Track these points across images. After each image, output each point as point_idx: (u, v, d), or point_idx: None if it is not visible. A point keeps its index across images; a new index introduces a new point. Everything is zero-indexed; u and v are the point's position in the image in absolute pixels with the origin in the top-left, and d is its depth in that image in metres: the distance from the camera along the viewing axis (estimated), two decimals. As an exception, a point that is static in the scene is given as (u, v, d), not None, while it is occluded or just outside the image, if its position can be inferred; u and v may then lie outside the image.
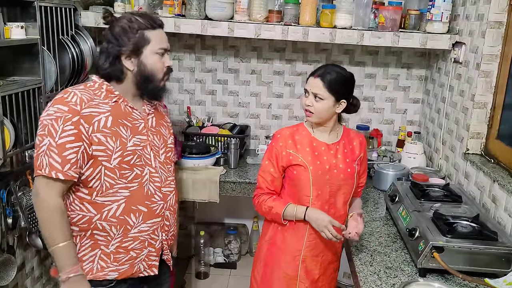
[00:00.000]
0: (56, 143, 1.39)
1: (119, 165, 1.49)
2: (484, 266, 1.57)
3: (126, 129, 1.51)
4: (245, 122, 3.10)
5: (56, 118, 1.40)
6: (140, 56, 1.50)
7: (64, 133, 1.39)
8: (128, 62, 1.51)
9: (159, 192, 1.60)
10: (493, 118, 2.12)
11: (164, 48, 1.55)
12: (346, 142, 1.78)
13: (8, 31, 1.83)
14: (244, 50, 3.00)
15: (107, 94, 1.51)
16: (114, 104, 1.51)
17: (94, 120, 1.44)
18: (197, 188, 2.54)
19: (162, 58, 1.55)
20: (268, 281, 1.82)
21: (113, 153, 1.47)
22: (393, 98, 3.03)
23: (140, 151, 1.53)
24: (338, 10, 2.49)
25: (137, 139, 1.53)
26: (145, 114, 1.60)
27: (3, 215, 1.96)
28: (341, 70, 1.68)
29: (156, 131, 1.63)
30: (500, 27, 2.06)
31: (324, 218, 1.65)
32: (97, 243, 1.52)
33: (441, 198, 1.99)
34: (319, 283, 1.81)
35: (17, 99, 1.88)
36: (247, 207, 3.28)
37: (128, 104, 1.55)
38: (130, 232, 1.54)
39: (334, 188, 1.74)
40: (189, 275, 3.15)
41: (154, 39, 1.51)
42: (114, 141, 1.47)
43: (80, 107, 1.43)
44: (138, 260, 1.58)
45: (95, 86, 1.51)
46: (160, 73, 1.55)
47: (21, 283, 2.16)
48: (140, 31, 1.49)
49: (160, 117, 1.70)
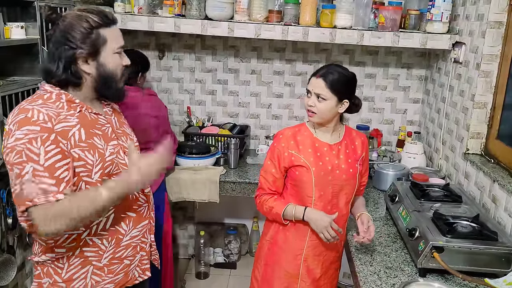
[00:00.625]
0: (43, 166, 1.23)
1: (101, 178, 1.37)
2: (484, 266, 1.57)
3: (99, 138, 1.39)
4: (245, 122, 3.10)
5: (29, 141, 1.22)
6: (98, 57, 1.35)
7: (48, 154, 1.24)
8: (86, 66, 1.35)
9: (142, 194, 1.53)
10: (493, 118, 2.12)
11: (122, 46, 1.42)
12: (348, 142, 1.78)
13: (8, 31, 1.83)
14: (244, 50, 3.00)
15: (69, 105, 1.35)
16: (79, 114, 1.36)
17: (69, 135, 1.30)
18: (197, 188, 2.54)
19: (120, 57, 1.42)
20: (269, 280, 1.82)
21: (93, 167, 1.35)
22: (393, 98, 3.03)
23: (116, 159, 1.42)
24: (338, 10, 2.49)
25: (111, 146, 1.42)
26: (108, 116, 1.49)
27: (3, 215, 1.96)
28: (343, 70, 1.68)
29: (122, 131, 1.52)
30: (500, 27, 2.06)
31: (325, 219, 1.65)
32: (87, 260, 1.41)
33: (441, 198, 1.99)
34: (320, 282, 1.81)
35: (17, 99, 1.88)
36: (247, 207, 3.28)
37: (93, 111, 1.41)
38: (122, 241, 1.47)
39: (336, 188, 1.73)
40: (189, 275, 3.15)
41: (111, 37, 1.37)
42: (92, 154, 1.34)
43: (52, 124, 1.27)
44: (132, 267, 1.53)
45: (53, 98, 1.33)
46: (119, 74, 1.43)
47: (21, 283, 2.15)
48: (95, 30, 1.33)
49: (119, 116, 1.59)
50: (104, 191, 1.29)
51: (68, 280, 1.40)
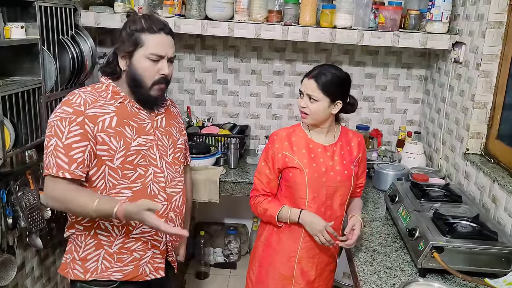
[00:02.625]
0: (63, 143, 1.41)
1: (122, 165, 1.48)
2: (484, 266, 1.57)
3: (131, 129, 1.51)
4: (245, 122, 3.10)
5: (61, 119, 1.42)
6: (132, 57, 1.48)
7: (70, 133, 1.41)
8: (122, 62, 1.51)
9: (163, 192, 1.57)
10: (493, 118, 2.12)
11: (158, 54, 1.48)
12: (344, 143, 1.76)
13: (8, 31, 1.83)
14: (244, 50, 3.00)
15: (113, 96, 1.51)
16: (119, 105, 1.51)
17: (98, 120, 1.45)
18: (197, 188, 2.54)
19: (155, 65, 1.49)
20: (263, 282, 1.82)
21: (116, 153, 1.47)
22: (393, 98, 3.03)
23: (145, 151, 1.52)
24: (338, 10, 2.49)
25: (142, 139, 1.52)
26: (153, 114, 1.59)
27: (3, 215, 1.96)
28: (336, 70, 1.65)
29: (166, 131, 1.62)
30: (500, 27, 2.06)
31: (320, 223, 1.64)
32: (100, 243, 1.53)
33: (441, 198, 1.99)
34: (315, 284, 1.80)
35: (17, 99, 1.88)
36: (247, 207, 3.24)
37: (135, 105, 1.54)
38: (132, 233, 1.54)
39: (330, 190, 1.71)
40: (189, 275, 3.15)
41: (149, 43, 1.47)
42: (117, 141, 1.47)
43: (84, 108, 1.44)
44: (143, 262, 1.57)
45: (102, 88, 1.52)
46: (150, 80, 1.50)
47: (21, 283, 2.16)
48: (137, 33, 1.46)
49: (171, 117, 1.69)
50: (96, 204, 1.39)
51: (83, 259, 1.54)
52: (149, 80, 1.50)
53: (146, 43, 1.47)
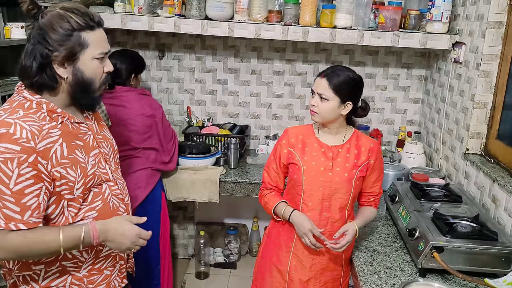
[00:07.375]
0: (11, 190, 1.15)
1: (83, 194, 1.31)
2: (484, 266, 1.57)
3: (80, 150, 1.31)
4: (245, 122, 3.10)
5: (5, 161, 1.14)
6: (76, 62, 1.25)
7: (20, 177, 1.16)
8: (61, 69, 1.25)
9: (122, 204, 1.46)
10: (493, 118, 2.13)
11: (105, 52, 1.31)
12: (352, 147, 1.73)
13: (8, 31, 1.84)
14: (244, 50, 3.00)
15: (50, 115, 1.25)
16: (61, 125, 1.27)
17: (51, 154, 1.21)
18: (197, 188, 2.54)
19: (101, 63, 1.31)
20: (262, 273, 1.87)
21: (75, 183, 1.28)
22: (393, 98, 3.03)
23: (97, 171, 1.35)
24: (338, 10, 2.49)
25: (92, 157, 1.35)
26: (89, 122, 1.41)
27: None
28: (350, 72, 1.66)
29: (102, 136, 1.45)
30: (500, 27, 2.06)
31: (305, 225, 1.64)
32: (65, 269, 1.34)
33: (441, 198, 1.99)
34: (309, 284, 1.76)
35: (17, 99, 1.86)
36: (247, 207, 3.28)
37: (75, 120, 1.33)
38: (102, 253, 1.41)
39: (328, 190, 1.69)
40: (189, 275, 3.15)
41: (93, 42, 1.26)
42: (74, 171, 1.27)
43: (34, 143, 1.17)
44: (113, 278, 1.47)
45: (34, 107, 1.24)
46: (99, 81, 1.33)
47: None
48: (76, 32, 1.23)
49: (98, 118, 1.50)
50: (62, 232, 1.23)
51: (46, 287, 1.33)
52: (98, 81, 1.33)
53: (91, 43, 1.26)
